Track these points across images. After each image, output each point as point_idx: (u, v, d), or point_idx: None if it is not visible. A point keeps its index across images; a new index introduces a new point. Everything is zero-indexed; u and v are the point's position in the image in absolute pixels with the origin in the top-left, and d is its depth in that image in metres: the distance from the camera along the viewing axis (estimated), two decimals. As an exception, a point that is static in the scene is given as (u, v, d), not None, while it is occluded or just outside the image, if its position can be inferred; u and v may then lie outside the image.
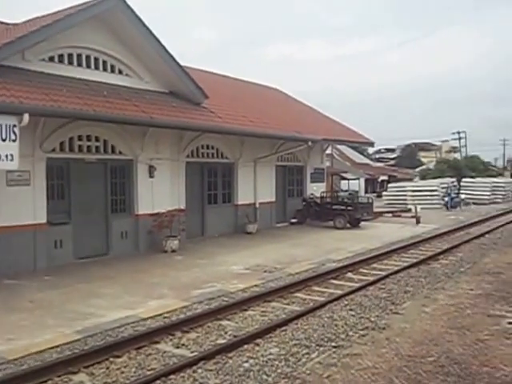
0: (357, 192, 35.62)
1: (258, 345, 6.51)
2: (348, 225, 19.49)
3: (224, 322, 7.54)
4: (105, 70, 13.55)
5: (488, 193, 35.64)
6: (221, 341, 6.69)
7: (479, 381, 5.23)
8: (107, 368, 5.81)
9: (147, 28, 13.58)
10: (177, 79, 15.02)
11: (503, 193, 37.89)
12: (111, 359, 6.02)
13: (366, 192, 42.23)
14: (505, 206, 31.97)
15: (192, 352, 6.29)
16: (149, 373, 5.61)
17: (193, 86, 15.35)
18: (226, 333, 7.05)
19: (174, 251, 13.58)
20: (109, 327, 7.22)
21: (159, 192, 14.36)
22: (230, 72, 28.25)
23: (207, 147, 16.92)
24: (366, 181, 45.54)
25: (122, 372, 5.69)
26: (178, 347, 6.51)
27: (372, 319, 7.52)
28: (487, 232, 18.51)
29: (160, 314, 7.90)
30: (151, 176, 14.17)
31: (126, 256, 12.98)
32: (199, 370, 5.66)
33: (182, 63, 15.02)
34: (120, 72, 13.98)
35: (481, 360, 5.80)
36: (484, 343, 6.37)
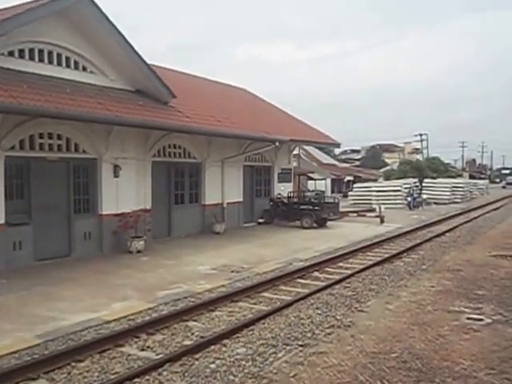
0: (323, 192, 35.94)
1: (224, 345, 6.49)
2: (315, 224, 19.66)
3: (190, 323, 7.47)
4: (68, 66, 13.23)
5: (448, 193, 36.66)
6: (187, 342, 6.63)
7: (440, 375, 5.34)
8: (69, 373, 5.66)
9: (113, 25, 13.33)
10: (143, 77, 14.82)
11: (462, 193, 39.08)
12: (73, 364, 5.87)
13: (333, 192, 42.66)
14: (464, 206, 32.88)
15: (157, 354, 6.21)
16: (112, 377, 5.49)
17: (160, 85, 15.17)
18: (192, 334, 7.00)
19: (139, 252, 13.38)
20: (71, 331, 7.04)
21: (124, 192, 14.12)
22: (198, 71, 28.15)
23: (174, 147, 16.76)
24: (333, 181, 45.99)
25: (85, 377, 5.56)
26: (143, 350, 6.42)
27: (338, 317, 7.60)
28: (447, 231, 18.99)
29: (124, 317, 7.76)
30: (116, 175, 13.93)
31: (90, 257, 12.71)
32: (164, 373, 5.60)
33: (149, 61, 14.83)
34: (84, 69, 13.68)
35: (441, 355, 5.94)
36: (444, 338, 6.52)
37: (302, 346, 6.39)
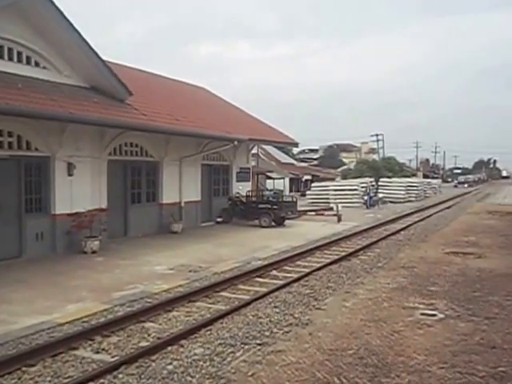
0: (282, 191, 36.17)
1: (182, 346, 6.42)
2: (273, 223, 19.74)
3: (147, 324, 7.35)
4: (19, 61, 12.79)
5: (403, 192, 37.63)
6: (144, 344, 6.52)
7: (395, 370, 5.43)
8: (19, 378, 5.46)
9: (67, 20, 12.97)
10: (99, 74, 14.50)
11: (416, 192, 40.20)
12: (24, 369, 5.66)
13: (291, 191, 43.00)
14: (418, 205, 33.79)
15: (113, 357, 6.08)
16: (65, 381, 5.33)
17: (116, 82, 14.87)
18: (149, 335, 6.89)
19: (94, 252, 13.09)
20: (21, 334, 6.79)
21: (79, 191, 13.79)
22: (156, 69, 27.85)
23: (131, 145, 16.50)
24: (291, 180, 46.35)
25: (36, 382, 5.38)
26: (97, 352, 6.26)
27: (296, 315, 7.64)
28: (402, 229, 19.48)
29: (78, 319, 7.55)
30: (70, 174, 13.57)
31: (42, 258, 12.32)
32: (120, 375, 5.48)
33: (105, 58, 14.56)
34: (37, 64, 13.26)
35: (396, 350, 6.04)
36: (399, 334, 6.65)
37: (260, 344, 6.38)
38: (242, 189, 22.26)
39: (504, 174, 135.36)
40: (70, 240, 13.41)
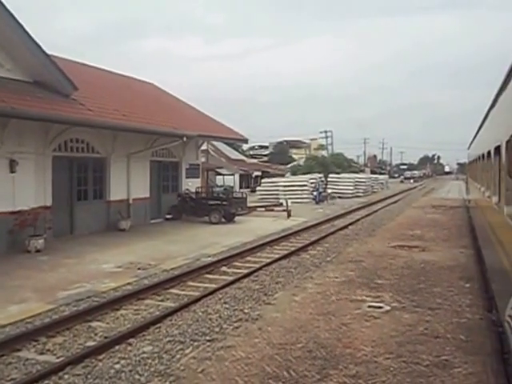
0: (232, 187, 36.15)
1: (130, 344, 6.35)
2: (223, 219, 19.76)
3: (94, 324, 7.23)
4: (-44, 53, 12.24)
5: (351, 187, 38.44)
6: (90, 343, 6.41)
7: (343, 362, 5.55)
8: (-42, 382, 5.26)
9: (9, 12, 12.51)
10: (43, 68, 14.07)
11: (364, 187, 41.19)
12: (-37, 372, 5.46)
13: (241, 187, 42.99)
14: (365, 200, 34.62)
15: (58, 357, 5.96)
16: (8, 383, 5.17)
17: (61, 77, 14.47)
18: (96, 334, 6.79)
19: (38, 251, 12.71)
20: (-40, 337, 6.52)
21: (22, 188, 13.33)
22: (103, 64, 27.19)
23: (77, 141, 16.11)
24: (241, 176, 46.34)
25: (-24, 385, 5.19)
26: (42, 353, 6.12)
27: (245, 311, 7.69)
28: (350, 224, 19.91)
29: (22, 320, 7.33)
30: (12, 171, 13.10)
31: (-17, 258, 11.85)
32: (66, 376, 5.39)
33: (50, 52, 14.15)
34: (-25, 57, 12.73)
35: (344, 342, 6.17)
36: (347, 327, 6.79)
37: (209, 341, 6.39)
38: (191, 185, 22.15)
39: (447, 169, 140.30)
40: (13, 239, 12.96)
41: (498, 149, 6.47)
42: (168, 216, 20.60)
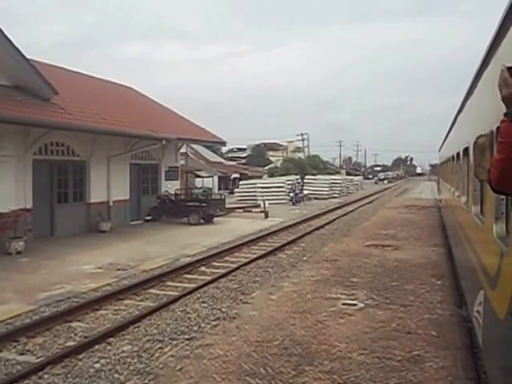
0: (211, 189, 36.17)
1: (109, 344, 6.44)
2: (202, 220, 19.89)
3: (74, 324, 7.30)
4: None
5: (327, 189, 38.82)
6: (70, 343, 6.48)
7: (318, 358, 5.72)
8: None
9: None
10: (22, 72, 14.04)
11: (340, 188, 41.63)
12: None
13: (220, 189, 43.04)
14: (341, 200, 34.99)
15: (38, 357, 6.02)
16: (-12, 383, 5.24)
17: (40, 81, 14.47)
18: (75, 334, 6.85)
19: (19, 253, 12.70)
20: None
21: (2, 191, 13.34)
22: (83, 69, 27.12)
23: (57, 144, 16.13)
24: (220, 178, 46.37)
25: (-42, 385, 5.25)
26: (22, 354, 6.17)
27: (223, 310, 7.85)
28: (326, 224, 20.17)
29: (2, 321, 7.37)
30: (-8, 174, 13.05)
31: (-40, 261, 11.76)
32: (46, 376, 5.46)
33: (29, 56, 14.13)
34: (-48, 60, 12.64)
35: (319, 339, 6.35)
36: (322, 324, 6.97)
37: (188, 339, 6.52)
38: (170, 187, 22.21)
39: (418, 170, 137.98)
40: (-7, 241, 12.89)
41: (466, 150, 6.75)
42: (148, 217, 20.64)
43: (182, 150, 27.01)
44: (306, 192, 35.17)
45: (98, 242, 14.97)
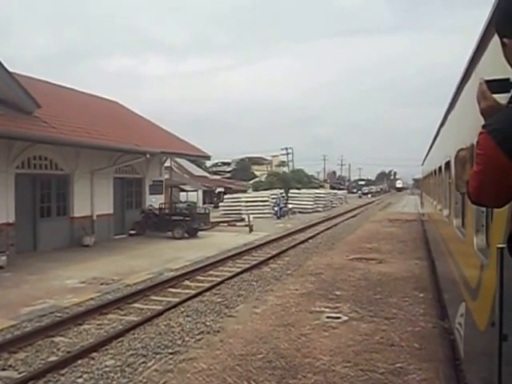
0: (195, 203, 36.11)
1: (93, 359, 6.38)
2: (186, 235, 19.83)
3: (57, 339, 7.22)
4: None
5: (311, 202, 38.97)
6: (53, 358, 6.41)
7: (302, 371, 5.75)
8: None
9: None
10: (4, 86, 13.97)
11: (324, 202, 41.84)
12: None
13: (204, 203, 42.95)
14: (325, 214, 35.13)
15: (20, 373, 5.94)
16: (-31, 400, 5.17)
17: (23, 94, 14.41)
18: (58, 349, 6.77)
19: (1, 268, 12.56)
20: None
21: (-17, 205, 13.16)
22: (67, 83, 27.11)
23: (40, 158, 16.06)
24: (204, 192, 46.31)
25: None
26: (4, 369, 6.08)
27: (207, 323, 7.82)
28: (310, 237, 20.23)
29: (-17, 337, 7.25)
30: (-27, 188, 12.92)
31: None
32: (28, 391, 5.38)
33: (12, 70, 14.08)
34: None
35: (303, 352, 6.38)
36: (306, 337, 7.01)
37: (172, 353, 6.49)
38: (155, 201, 22.14)
39: (398, 184, 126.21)
40: (-27, 256, 12.71)
41: (447, 164, 6.87)
42: (132, 232, 20.53)
43: (167, 164, 27.01)
44: (290, 206, 35.29)
45: (81, 256, 14.83)
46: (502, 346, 1.88)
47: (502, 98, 1.60)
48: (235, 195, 36.98)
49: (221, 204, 36.55)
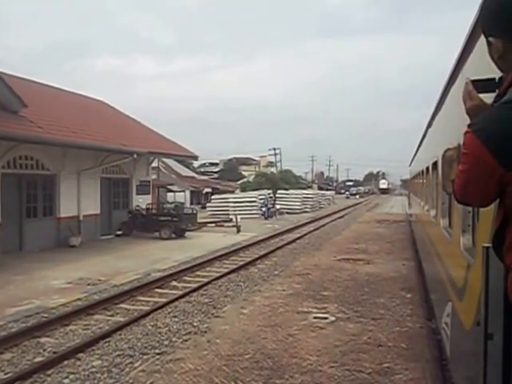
0: (182, 204, 36.00)
1: (79, 359, 6.34)
2: (174, 235, 19.78)
3: (43, 339, 7.16)
4: None
5: (299, 203, 39.03)
6: (39, 359, 6.37)
7: (289, 371, 5.76)
8: None
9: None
10: (-10, 85, 13.82)
11: (311, 203, 41.92)
12: None
13: (192, 203, 42.84)
14: (313, 215, 35.23)
15: (6, 374, 5.89)
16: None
17: (8, 93, 14.29)
18: (44, 350, 6.73)
19: (-15, 269, 12.36)
20: None
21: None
22: (54, 82, 26.91)
23: (26, 158, 15.93)
24: (192, 193, 46.22)
25: None
26: (-11, 370, 6.02)
27: (195, 324, 7.81)
28: (298, 238, 20.25)
29: (-32, 338, 7.16)
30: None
31: None
32: (14, 392, 5.33)
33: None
34: None
35: (290, 353, 6.40)
36: (293, 337, 7.03)
37: (159, 354, 6.47)
38: (142, 202, 22.04)
39: (383, 185, 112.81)
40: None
41: (435, 164, 6.93)
42: (119, 232, 20.41)
43: (154, 165, 26.95)
44: (278, 206, 35.30)
45: (67, 256, 14.72)
46: (488, 345, 1.90)
47: (487, 98, 1.62)
48: (223, 196, 36.90)
49: (208, 204, 36.45)
